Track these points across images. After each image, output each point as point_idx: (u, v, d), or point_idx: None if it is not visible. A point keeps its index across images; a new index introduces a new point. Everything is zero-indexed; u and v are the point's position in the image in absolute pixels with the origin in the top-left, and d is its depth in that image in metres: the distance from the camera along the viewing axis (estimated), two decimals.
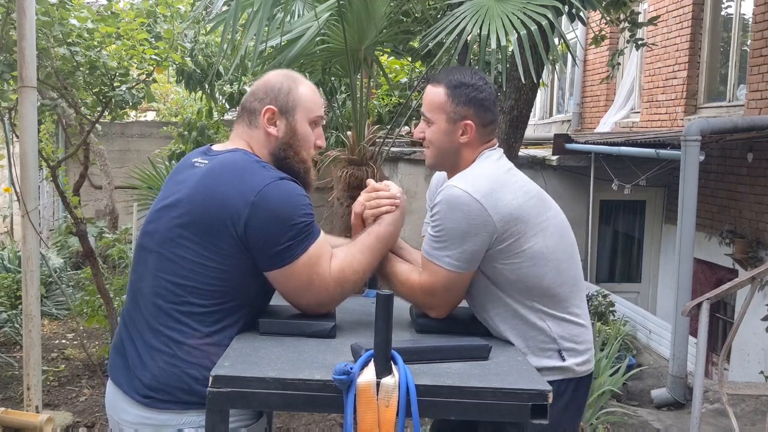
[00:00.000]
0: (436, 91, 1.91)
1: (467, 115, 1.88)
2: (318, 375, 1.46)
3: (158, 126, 10.46)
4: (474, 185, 1.78)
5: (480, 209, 1.75)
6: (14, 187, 5.73)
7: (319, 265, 1.69)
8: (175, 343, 1.65)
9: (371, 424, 1.42)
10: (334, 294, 1.74)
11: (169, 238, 1.69)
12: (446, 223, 1.77)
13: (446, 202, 1.77)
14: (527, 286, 1.83)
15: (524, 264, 1.81)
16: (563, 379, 1.86)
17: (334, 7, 3.63)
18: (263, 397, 1.45)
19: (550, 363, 1.85)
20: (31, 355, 3.48)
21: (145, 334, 1.69)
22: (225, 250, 1.65)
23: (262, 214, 1.62)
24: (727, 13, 7.51)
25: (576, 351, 1.88)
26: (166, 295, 1.67)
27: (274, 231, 1.63)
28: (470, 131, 1.89)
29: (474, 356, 1.63)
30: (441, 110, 1.90)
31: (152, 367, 1.65)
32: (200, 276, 1.65)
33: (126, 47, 4.72)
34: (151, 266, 1.71)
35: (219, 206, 1.64)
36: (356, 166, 4.15)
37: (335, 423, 4.31)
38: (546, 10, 3.11)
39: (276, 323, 1.73)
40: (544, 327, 1.84)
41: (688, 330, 5.14)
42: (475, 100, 1.88)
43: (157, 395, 1.64)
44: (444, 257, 1.78)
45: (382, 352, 1.45)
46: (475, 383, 1.46)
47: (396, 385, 1.43)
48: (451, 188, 1.78)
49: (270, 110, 1.79)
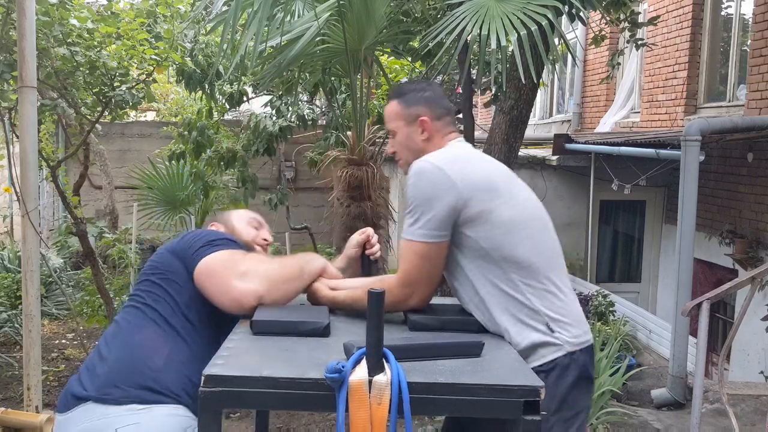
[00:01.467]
0: (389, 105, 2.12)
1: (420, 113, 2.05)
2: (311, 373, 1.45)
3: (158, 126, 10.46)
4: (437, 158, 1.93)
5: (443, 175, 1.86)
6: (14, 187, 5.73)
7: (222, 263, 1.89)
8: (129, 342, 1.88)
9: (363, 422, 1.42)
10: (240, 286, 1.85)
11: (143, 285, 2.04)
12: (414, 192, 1.88)
13: (413, 175, 1.90)
14: (503, 255, 1.86)
15: (496, 231, 1.86)
16: (563, 355, 1.86)
17: (334, 7, 3.63)
18: (256, 396, 1.44)
19: (541, 338, 1.85)
20: (31, 355, 3.48)
21: (101, 349, 1.90)
22: (173, 269, 1.95)
23: (188, 236, 2.01)
24: (727, 13, 7.51)
25: (564, 323, 1.88)
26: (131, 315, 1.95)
27: (190, 244, 1.96)
28: (427, 126, 2.05)
29: (466, 353, 1.63)
30: (397, 117, 2.08)
31: (104, 367, 1.83)
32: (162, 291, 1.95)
33: (126, 47, 4.72)
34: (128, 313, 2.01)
35: (171, 252, 2.01)
36: (356, 166, 4.15)
37: (335, 423, 4.31)
38: (546, 10, 3.11)
39: (269, 323, 1.73)
40: (525, 301, 1.86)
41: (688, 330, 5.14)
42: (422, 98, 2.07)
43: (107, 392, 1.78)
44: (417, 230, 1.86)
45: (374, 349, 1.45)
46: (467, 380, 1.46)
47: (388, 382, 1.42)
48: (416, 162, 1.92)
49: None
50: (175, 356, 1.83)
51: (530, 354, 1.85)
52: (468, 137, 4.42)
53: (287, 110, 6.50)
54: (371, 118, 6.12)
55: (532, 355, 1.85)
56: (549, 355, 1.85)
